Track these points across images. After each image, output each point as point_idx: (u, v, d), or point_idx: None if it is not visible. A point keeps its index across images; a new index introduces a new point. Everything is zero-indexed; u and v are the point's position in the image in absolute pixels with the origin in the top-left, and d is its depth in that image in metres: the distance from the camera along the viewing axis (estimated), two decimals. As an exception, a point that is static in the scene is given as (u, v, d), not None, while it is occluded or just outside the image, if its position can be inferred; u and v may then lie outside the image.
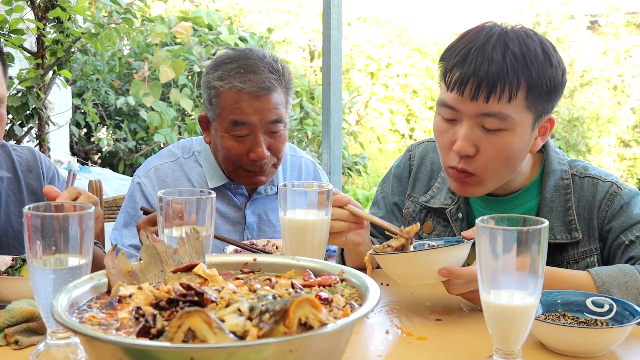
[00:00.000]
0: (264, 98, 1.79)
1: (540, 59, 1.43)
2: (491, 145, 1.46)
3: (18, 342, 1.18)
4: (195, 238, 1.08)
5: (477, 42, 1.45)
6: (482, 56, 1.42)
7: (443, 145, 1.53)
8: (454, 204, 1.67)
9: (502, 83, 1.41)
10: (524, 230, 1.01)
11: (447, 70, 1.48)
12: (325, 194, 1.37)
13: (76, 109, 6.00)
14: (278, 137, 1.85)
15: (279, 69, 1.84)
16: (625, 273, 1.40)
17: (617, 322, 1.24)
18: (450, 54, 1.49)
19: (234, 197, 1.96)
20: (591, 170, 1.61)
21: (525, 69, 1.42)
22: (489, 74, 1.40)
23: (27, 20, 3.01)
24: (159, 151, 2.07)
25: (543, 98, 1.46)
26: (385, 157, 8.74)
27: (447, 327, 1.32)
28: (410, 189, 1.78)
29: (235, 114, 1.79)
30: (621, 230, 1.53)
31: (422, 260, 1.33)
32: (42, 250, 1.04)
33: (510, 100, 1.42)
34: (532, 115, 1.47)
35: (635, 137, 7.87)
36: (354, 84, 8.44)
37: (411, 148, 1.84)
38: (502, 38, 1.44)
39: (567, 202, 1.58)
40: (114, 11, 3.33)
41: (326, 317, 0.81)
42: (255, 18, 7.53)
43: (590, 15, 8.44)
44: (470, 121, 1.45)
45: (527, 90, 1.43)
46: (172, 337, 0.77)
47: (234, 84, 1.78)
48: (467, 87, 1.43)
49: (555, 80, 1.46)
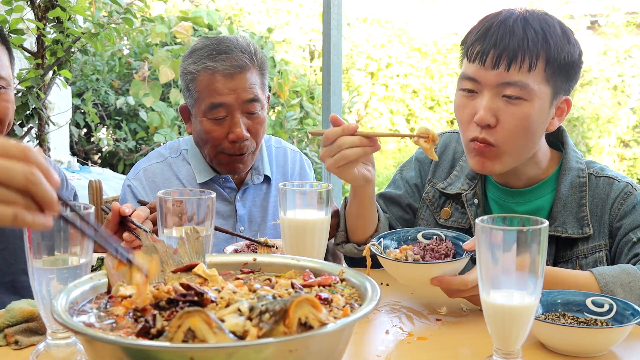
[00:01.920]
0: (238, 77, 1.82)
1: (559, 34, 1.51)
2: (511, 116, 1.49)
3: (18, 342, 1.18)
4: (195, 238, 1.08)
5: (499, 18, 1.53)
6: (504, 29, 1.49)
7: (463, 120, 1.56)
8: (471, 189, 1.69)
9: (523, 53, 1.47)
10: (524, 230, 1.01)
11: (468, 46, 1.54)
12: (325, 194, 1.37)
13: (76, 109, 6.00)
14: (256, 119, 1.86)
15: (251, 50, 1.87)
16: (628, 273, 1.40)
17: (617, 322, 1.24)
18: (472, 33, 1.56)
19: (223, 191, 1.97)
20: (608, 171, 1.64)
21: (545, 42, 1.48)
22: (511, 44, 1.47)
23: (27, 20, 3.01)
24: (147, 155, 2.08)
25: (561, 73, 1.51)
26: (385, 157, 8.74)
27: (447, 327, 1.32)
28: (431, 174, 1.80)
29: (211, 97, 1.82)
30: (631, 228, 1.55)
31: (417, 271, 1.35)
32: (42, 250, 1.05)
33: (530, 69, 1.48)
34: (550, 89, 1.51)
35: (635, 137, 7.87)
36: (354, 84, 8.44)
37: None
38: (522, 16, 1.52)
39: (582, 199, 1.60)
40: (114, 11, 3.32)
41: (326, 317, 0.81)
42: (255, 18, 7.53)
43: (590, 15, 8.44)
44: (490, 92, 1.50)
45: (546, 63, 1.49)
46: (172, 337, 0.77)
47: (207, 64, 1.82)
48: (489, 57, 1.49)
49: (572, 57, 1.52)
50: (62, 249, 1.05)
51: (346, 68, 8.45)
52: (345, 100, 6.75)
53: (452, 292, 1.36)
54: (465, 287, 1.32)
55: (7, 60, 1.66)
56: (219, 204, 1.97)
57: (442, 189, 1.75)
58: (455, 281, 1.32)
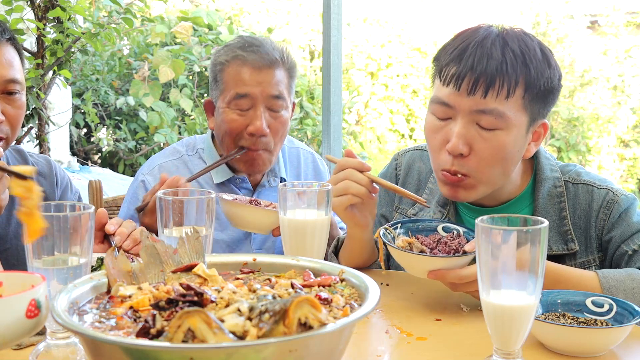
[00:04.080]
0: (266, 71, 1.84)
1: (539, 58, 1.42)
2: (485, 145, 1.42)
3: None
4: (195, 238, 1.08)
5: (476, 38, 1.43)
6: (481, 51, 1.40)
7: (435, 146, 1.49)
8: (444, 217, 1.62)
9: (501, 78, 1.39)
10: (524, 230, 1.01)
11: (442, 67, 1.45)
12: (325, 194, 1.37)
13: (76, 109, 6.00)
14: (279, 117, 1.87)
15: (282, 50, 1.90)
16: (633, 279, 1.38)
17: (617, 322, 1.24)
18: (446, 52, 1.47)
19: (239, 191, 1.97)
20: (584, 175, 1.57)
21: (524, 66, 1.40)
22: (488, 69, 1.39)
23: (27, 20, 3.01)
24: (163, 149, 2.07)
25: (539, 99, 1.44)
26: (385, 157, 8.73)
27: (447, 327, 1.32)
28: (398, 200, 1.74)
29: (237, 87, 1.83)
30: (622, 240, 1.50)
31: (418, 263, 1.35)
32: (42, 250, 1.04)
33: (508, 97, 1.40)
34: (528, 116, 1.45)
35: (635, 137, 7.86)
36: (354, 84, 8.43)
37: (397, 157, 1.80)
38: (500, 35, 1.43)
39: (562, 210, 1.54)
40: (113, 11, 3.32)
41: (326, 317, 0.81)
42: (255, 18, 7.53)
43: (590, 15, 8.43)
44: (464, 118, 1.42)
45: (525, 89, 1.41)
46: (172, 337, 0.77)
47: (237, 53, 1.85)
48: (465, 82, 1.40)
49: (552, 82, 1.44)
50: (62, 249, 1.05)
51: (346, 68, 8.44)
52: (345, 100, 6.75)
53: (453, 286, 1.35)
54: (460, 281, 1.31)
55: (20, 64, 1.65)
56: None
57: (414, 215, 1.68)
58: (450, 274, 1.31)
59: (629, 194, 1.55)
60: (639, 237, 1.49)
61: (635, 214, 1.52)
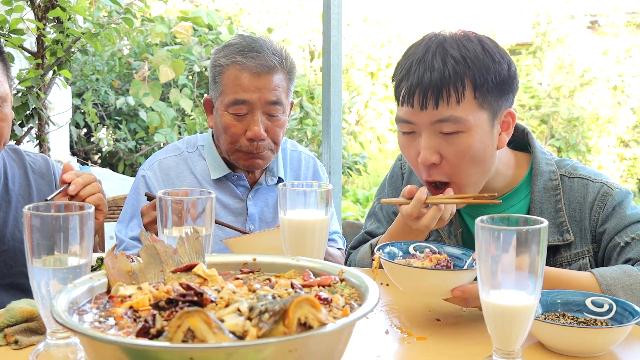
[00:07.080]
0: (265, 77, 1.85)
1: (481, 57, 1.45)
2: (452, 149, 1.47)
3: (18, 342, 1.18)
4: (195, 238, 1.08)
5: (417, 54, 1.48)
6: (424, 66, 1.45)
7: (411, 160, 1.55)
8: None
9: (447, 88, 1.43)
10: (524, 230, 1.01)
11: (395, 87, 1.52)
12: (325, 194, 1.37)
13: (76, 109, 6.00)
14: (276, 121, 1.89)
15: (282, 53, 1.91)
16: (629, 275, 1.39)
17: (617, 322, 1.24)
18: (397, 71, 1.53)
19: (236, 188, 2.00)
20: (580, 170, 1.61)
21: (468, 69, 1.44)
22: (433, 82, 1.43)
23: (27, 20, 3.01)
24: (165, 146, 2.11)
25: (494, 93, 1.47)
26: (385, 157, 8.74)
27: (446, 327, 1.32)
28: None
29: (236, 92, 1.85)
30: (616, 232, 1.52)
31: (434, 278, 1.29)
32: (42, 250, 1.05)
33: (459, 102, 1.44)
34: (487, 112, 1.47)
35: (635, 137, 7.86)
36: (353, 84, 8.43)
37: (401, 157, 1.85)
38: (440, 45, 1.47)
39: (557, 203, 1.57)
40: (113, 11, 3.32)
41: (325, 317, 0.81)
42: (255, 18, 7.53)
43: (590, 15, 8.43)
44: (427, 130, 1.47)
45: (474, 89, 1.45)
46: (172, 337, 0.77)
47: (236, 59, 1.86)
48: (415, 98, 1.46)
49: (501, 75, 1.47)
50: (62, 249, 1.05)
51: (346, 68, 8.44)
52: (345, 100, 6.74)
53: (465, 302, 1.31)
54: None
55: (4, 75, 1.64)
56: (230, 200, 2.00)
57: None
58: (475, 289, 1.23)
59: (623, 188, 1.58)
60: (632, 229, 1.51)
61: (628, 207, 1.54)
